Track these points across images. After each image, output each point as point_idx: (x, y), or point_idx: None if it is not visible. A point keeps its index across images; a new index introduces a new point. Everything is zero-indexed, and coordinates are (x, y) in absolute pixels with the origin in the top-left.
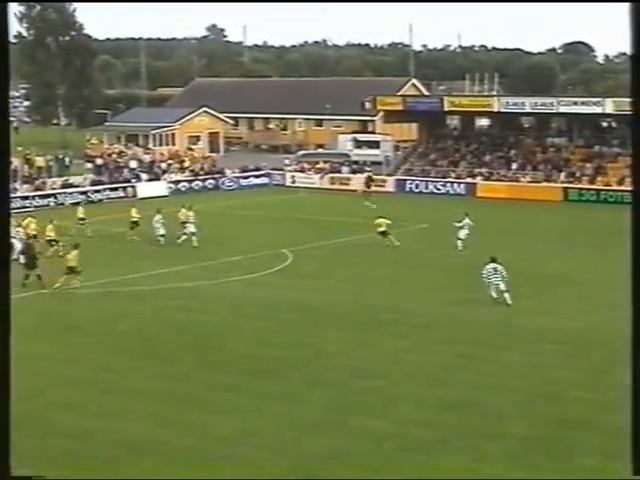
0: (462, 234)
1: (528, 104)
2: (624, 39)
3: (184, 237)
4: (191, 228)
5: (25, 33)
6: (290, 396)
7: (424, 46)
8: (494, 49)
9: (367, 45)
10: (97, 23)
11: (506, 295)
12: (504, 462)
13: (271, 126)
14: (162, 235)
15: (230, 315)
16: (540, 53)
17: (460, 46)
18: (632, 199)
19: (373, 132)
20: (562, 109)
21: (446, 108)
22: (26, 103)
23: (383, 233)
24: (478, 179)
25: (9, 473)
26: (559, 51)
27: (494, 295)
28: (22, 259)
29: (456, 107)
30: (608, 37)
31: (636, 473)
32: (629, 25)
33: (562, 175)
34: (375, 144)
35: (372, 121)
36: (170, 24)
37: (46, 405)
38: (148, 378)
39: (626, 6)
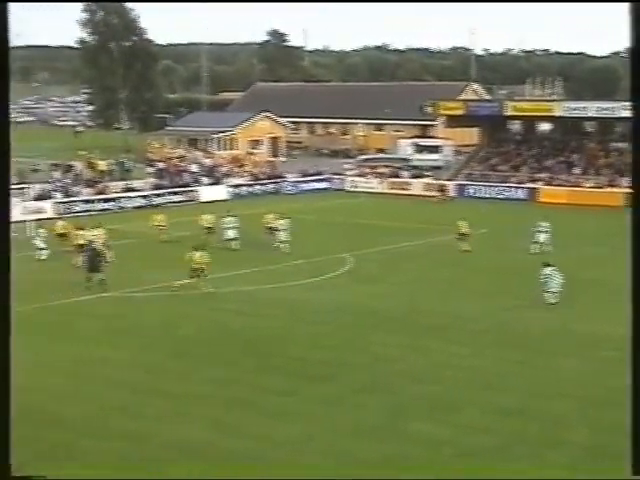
0: (542, 237)
1: (591, 108)
2: None
3: (278, 244)
4: (282, 235)
5: (88, 38)
6: (346, 401)
7: (486, 50)
8: (557, 53)
9: (427, 49)
10: (159, 28)
11: (555, 297)
12: (566, 469)
13: (332, 130)
14: (232, 239)
15: (288, 319)
16: (604, 57)
17: (522, 50)
18: (632, 199)
19: (433, 137)
20: (625, 113)
21: (507, 112)
22: (88, 107)
23: (463, 235)
24: (539, 184)
25: (9, 473)
26: (623, 54)
27: (550, 301)
28: (84, 262)
29: (517, 111)
30: None
31: (636, 473)
32: (629, 24)
33: (625, 180)
34: (435, 149)
35: (432, 125)
36: (232, 29)
37: (104, 408)
38: (205, 381)
39: (626, 6)
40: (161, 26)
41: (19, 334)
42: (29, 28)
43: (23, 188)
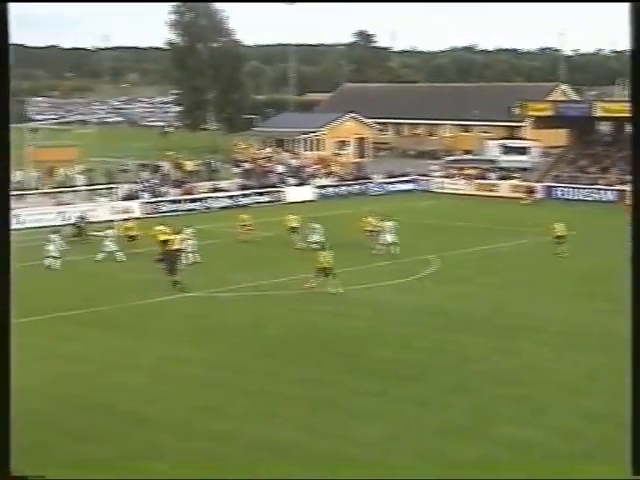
0: None
1: None
2: None
3: (382, 246)
4: (388, 238)
5: (177, 40)
6: (433, 402)
7: (575, 51)
8: None
9: (515, 50)
10: (248, 29)
11: None
12: None
13: (418, 131)
14: (315, 242)
15: (375, 320)
16: None
17: (613, 50)
18: (632, 199)
19: (521, 138)
20: None
21: (596, 113)
22: (176, 108)
23: (559, 238)
24: (630, 186)
25: (9, 473)
26: None
27: None
28: (164, 265)
29: (607, 112)
30: None
31: (636, 473)
32: (629, 24)
33: None
34: (523, 150)
35: (520, 127)
36: (319, 30)
37: (189, 407)
38: (291, 382)
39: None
40: (249, 27)
41: (105, 333)
42: (119, 30)
43: (111, 188)
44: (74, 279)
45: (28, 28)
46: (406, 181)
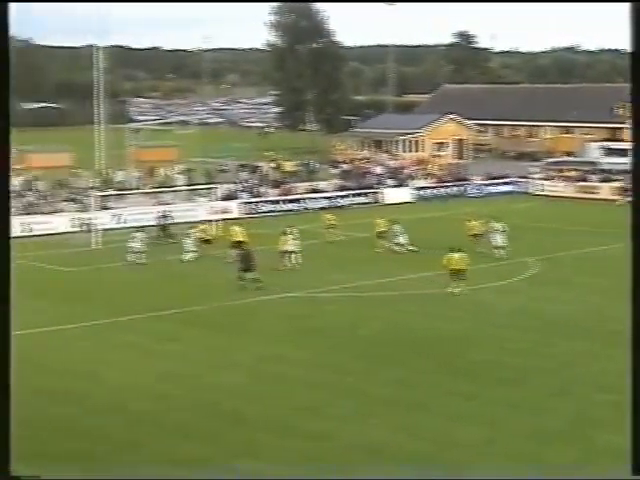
0: None
1: None
2: None
3: (494, 249)
4: (498, 239)
5: (277, 41)
6: (530, 406)
7: None
8: None
9: (618, 50)
10: (348, 30)
11: None
12: None
13: (518, 133)
14: (400, 244)
15: (471, 322)
16: None
17: None
18: (632, 200)
19: (624, 140)
20: None
21: None
22: (276, 109)
23: None
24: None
25: (9, 473)
26: None
27: None
28: (238, 262)
29: None
30: None
31: (636, 473)
32: (629, 25)
33: None
34: (625, 152)
35: (622, 128)
36: (419, 31)
37: (288, 407)
38: (388, 383)
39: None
40: (349, 28)
41: (203, 333)
42: (219, 32)
43: (211, 188)
44: (168, 278)
45: (130, 30)
46: (505, 183)
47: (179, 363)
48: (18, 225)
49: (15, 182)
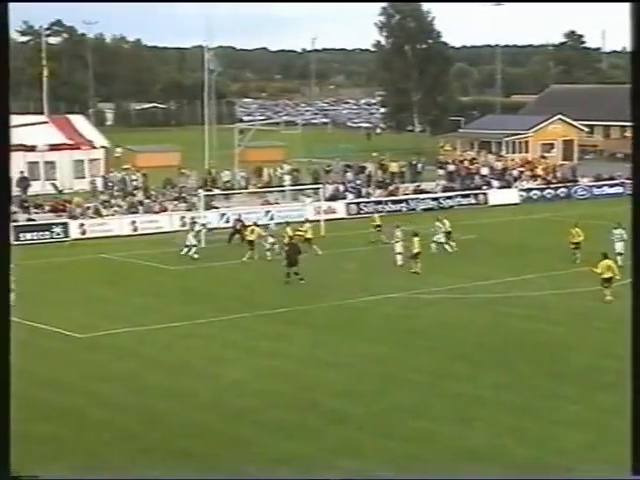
0: None
1: None
2: None
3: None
4: (618, 247)
5: (384, 42)
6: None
7: None
8: None
9: None
10: (454, 31)
11: None
12: None
13: (628, 134)
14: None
15: (574, 326)
16: None
17: None
18: (632, 197)
19: None
20: None
21: None
22: (382, 110)
23: None
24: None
25: (9, 473)
26: None
27: None
28: (285, 257)
29: None
30: None
31: (636, 472)
32: (629, 25)
33: None
34: None
35: None
36: (527, 31)
37: (387, 407)
38: (489, 386)
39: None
40: (456, 28)
41: (307, 332)
42: (326, 32)
43: (317, 188)
44: (272, 278)
45: (237, 31)
46: (614, 184)
47: (284, 361)
48: (127, 224)
49: (125, 181)
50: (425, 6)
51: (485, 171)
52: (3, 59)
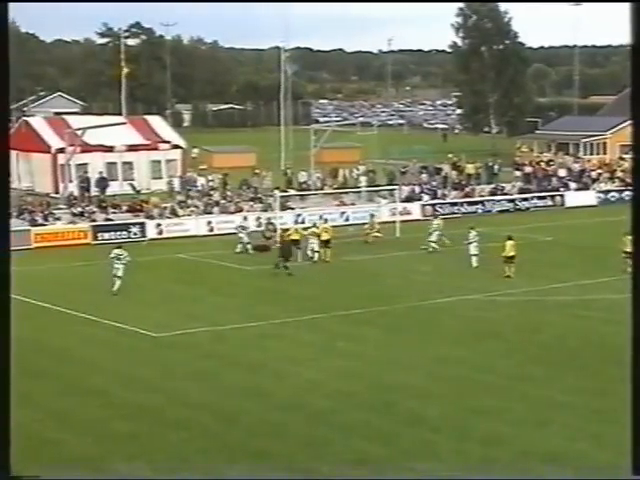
0: None
1: None
2: None
3: None
4: None
5: (460, 43)
6: None
7: None
8: None
9: None
10: (532, 31)
11: None
12: None
13: None
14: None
15: None
16: None
17: None
18: (632, 199)
19: None
20: None
21: None
22: (458, 111)
23: None
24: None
25: (9, 473)
26: None
27: None
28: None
29: None
30: None
31: (636, 473)
32: (629, 24)
33: None
34: None
35: None
36: (606, 31)
37: (465, 409)
38: (566, 390)
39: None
40: (534, 29)
41: (382, 333)
42: (402, 33)
43: (392, 190)
44: (348, 278)
45: (313, 32)
46: None
47: (360, 362)
48: (203, 224)
49: (201, 181)
50: (502, 7)
51: (562, 173)
52: (3, 59)
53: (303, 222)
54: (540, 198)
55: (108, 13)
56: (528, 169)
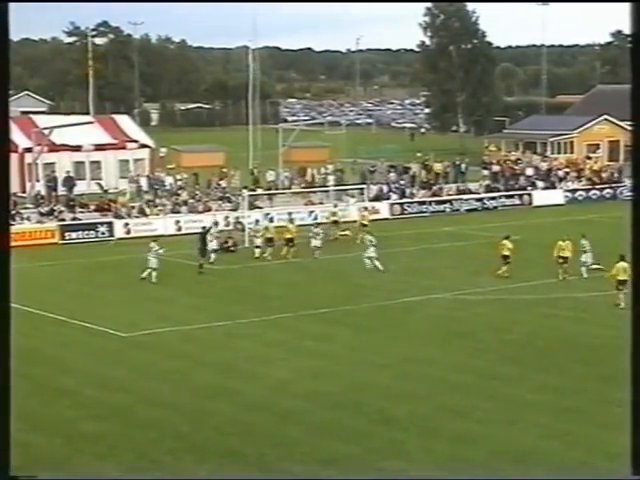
0: None
1: None
2: None
3: None
4: None
5: (428, 42)
6: None
7: None
8: None
9: None
10: (499, 31)
11: None
12: None
13: None
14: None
15: (622, 327)
16: None
17: None
18: (632, 199)
19: None
20: None
21: None
22: (426, 110)
23: None
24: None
25: (9, 473)
26: None
27: None
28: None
29: None
30: None
31: (636, 473)
32: (629, 24)
33: None
34: None
35: None
36: (573, 31)
37: (433, 408)
38: (535, 388)
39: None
40: (501, 28)
41: (350, 332)
42: (370, 32)
43: (361, 189)
44: (319, 278)
45: (281, 31)
46: None
47: (328, 362)
48: (171, 224)
49: (169, 181)
50: (470, 6)
51: (530, 172)
52: (3, 59)
53: (272, 221)
54: (508, 197)
55: (76, 12)
56: (496, 168)
